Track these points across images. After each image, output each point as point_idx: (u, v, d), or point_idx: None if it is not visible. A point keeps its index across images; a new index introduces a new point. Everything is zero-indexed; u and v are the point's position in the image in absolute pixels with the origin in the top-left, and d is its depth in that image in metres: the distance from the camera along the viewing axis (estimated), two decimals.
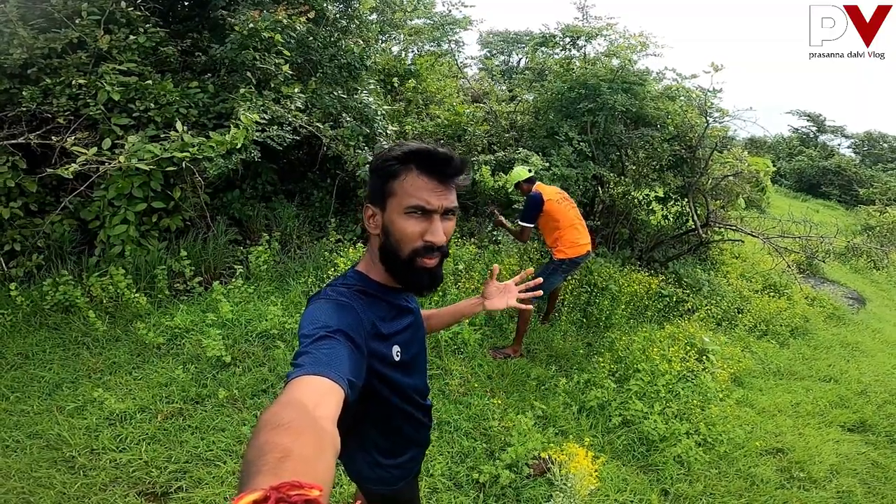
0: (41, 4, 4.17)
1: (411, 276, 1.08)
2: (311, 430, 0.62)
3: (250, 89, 4.51)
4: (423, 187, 1.04)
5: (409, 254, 1.06)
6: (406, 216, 1.04)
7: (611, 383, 3.62)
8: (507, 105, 6.28)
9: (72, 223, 4.07)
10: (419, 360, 1.30)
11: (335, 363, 0.84)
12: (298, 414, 0.65)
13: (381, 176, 1.07)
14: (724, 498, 2.97)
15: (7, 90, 3.92)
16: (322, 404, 0.72)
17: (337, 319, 0.96)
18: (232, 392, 3.11)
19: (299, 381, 0.78)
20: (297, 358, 0.85)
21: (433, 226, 1.05)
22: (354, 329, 0.97)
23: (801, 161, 21.42)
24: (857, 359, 5.27)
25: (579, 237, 3.89)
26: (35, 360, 3.19)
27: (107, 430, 2.74)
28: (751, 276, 6.60)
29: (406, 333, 1.19)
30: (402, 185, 1.04)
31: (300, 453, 0.56)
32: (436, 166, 1.04)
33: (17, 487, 2.34)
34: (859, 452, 3.67)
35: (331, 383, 0.79)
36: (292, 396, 0.72)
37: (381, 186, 1.07)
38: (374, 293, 1.12)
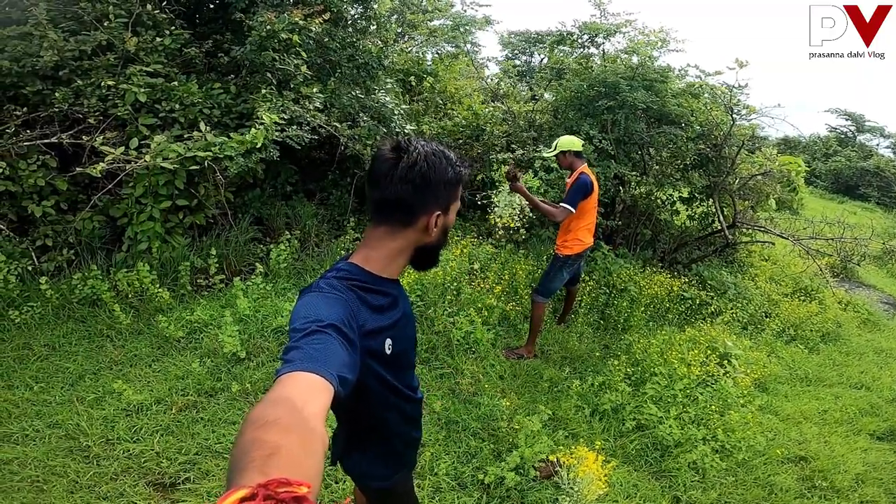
0: (71, 7, 4.31)
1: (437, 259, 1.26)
2: (299, 428, 0.61)
3: (271, 90, 4.57)
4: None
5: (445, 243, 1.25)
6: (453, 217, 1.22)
7: (625, 387, 3.52)
8: (527, 104, 6.19)
9: (101, 220, 4.19)
10: (409, 353, 1.31)
11: (326, 359, 0.83)
12: (286, 411, 0.64)
13: (456, 185, 1.16)
14: None
15: (40, 91, 4.05)
16: (311, 401, 0.71)
17: (329, 313, 0.95)
18: (244, 386, 3.14)
19: (289, 377, 0.77)
20: (287, 353, 0.84)
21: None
22: (347, 323, 0.96)
23: (837, 161, 20.52)
24: (891, 365, 5.01)
25: (589, 236, 3.76)
26: (61, 351, 3.30)
27: (123, 420, 2.81)
28: (780, 280, 6.33)
29: (398, 326, 1.19)
30: (459, 193, 1.20)
31: (288, 451, 0.56)
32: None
33: (31, 476, 2.41)
34: (887, 462, 3.50)
35: (321, 380, 0.78)
36: (281, 393, 0.71)
37: (451, 192, 1.16)
38: (369, 285, 1.12)
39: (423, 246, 1.18)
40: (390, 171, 1.09)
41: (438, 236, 1.17)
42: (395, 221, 1.13)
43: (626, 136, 4.94)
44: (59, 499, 2.30)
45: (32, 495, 2.31)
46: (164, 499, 2.41)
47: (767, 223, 5.94)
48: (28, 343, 3.30)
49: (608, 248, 5.10)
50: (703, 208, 5.94)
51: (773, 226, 5.75)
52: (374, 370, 1.14)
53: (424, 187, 1.10)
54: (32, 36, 4.08)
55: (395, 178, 1.08)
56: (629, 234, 5.69)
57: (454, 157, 1.16)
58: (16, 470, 2.43)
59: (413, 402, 1.34)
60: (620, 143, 5.10)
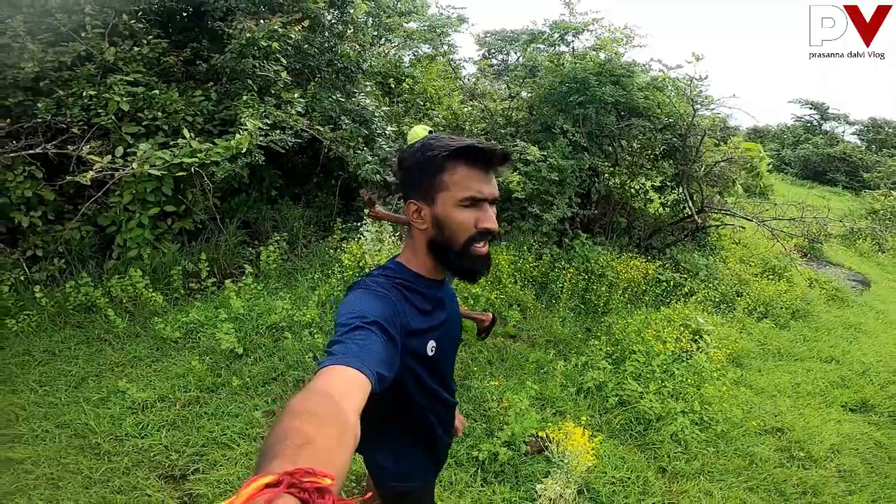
0: (47, 19, 4.35)
1: (466, 263, 1.12)
2: (334, 421, 0.63)
3: (252, 96, 4.69)
4: (474, 178, 1.08)
5: (465, 242, 1.10)
6: (461, 208, 1.08)
7: (607, 365, 3.74)
8: (503, 102, 6.42)
9: (88, 229, 4.27)
10: (449, 357, 1.31)
11: (367, 355, 0.85)
12: (324, 403, 0.66)
13: (427, 171, 1.09)
14: (722, 476, 3.02)
15: (21, 102, 4.11)
16: (348, 396, 0.73)
17: (373, 310, 0.97)
18: (244, 380, 3.28)
19: (329, 370, 0.79)
20: (331, 346, 0.86)
21: (486, 213, 1.10)
22: (390, 321, 0.98)
23: (805, 149, 21.37)
24: (860, 340, 5.31)
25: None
26: (61, 356, 3.39)
27: (129, 417, 2.92)
28: (750, 261, 6.66)
29: (442, 328, 1.20)
30: (452, 179, 1.08)
31: (321, 442, 0.57)
32: (483, 158, 1.09)
33: (46, 473, 2.51)
34: (861, 432, 3.68)
35: (359, 375, 0.79)
36: (320, 385, 0.74)
37: (429, 181, 1.09)
38: (414, 285, 1.13)
39: (430, 242, 1.14)
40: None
41: (434, 229, 1.12)
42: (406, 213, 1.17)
43: (598, 129, 5.20)
44: (76, 494, 2.41)
45: (49, 492, 2.41)
46: (175, 490, 2.53)
47: (735, 207, 6.25)
48: (28, 350, 3.38)
49: (586, 236, 5.34)
50: (674, 195, 6.24)
51: (740, 209, 6.06)
52: (415, 371, 1.15)
53: (402, 173, 1.15)
54: (11, 48, 4.11)
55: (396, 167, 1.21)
56: (606, 222, 5.95)
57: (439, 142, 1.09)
58: (30, 469, 2.52)
59: (448, 405, 1.34)
60: (593, 137, 5.36)
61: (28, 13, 4.32)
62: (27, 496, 2.36)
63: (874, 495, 3.06)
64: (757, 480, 3.03)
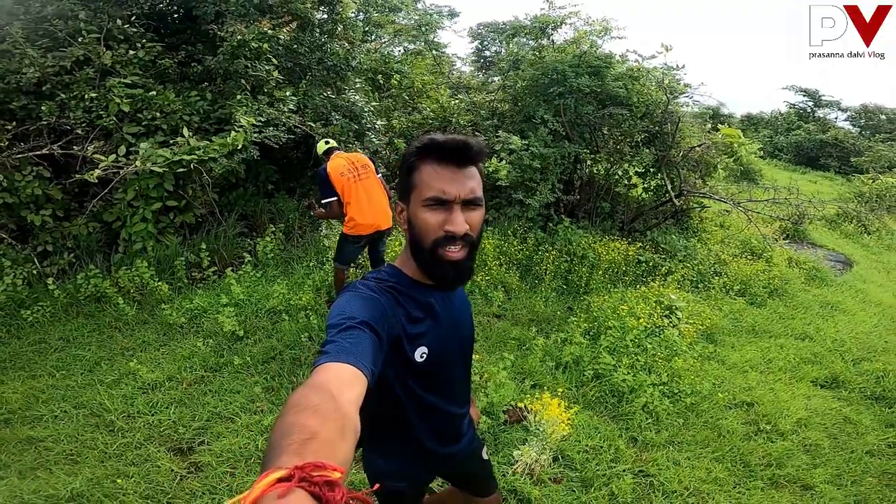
0: (44, 25, 4.54)
1: (436, 268, 1.08)
2: (335, 415, 0.64)
3: (246, 95, 4.89)
4: (439, 177, 1.04)
5: (431, 245, 1.06)
6: (426, 208, 1.05)
7: (583, 340, 3.97)
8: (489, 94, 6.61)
9: (95, 225, 4.50)
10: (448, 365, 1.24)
11: (360, 351, 0.86)
12: (324, 398, 0.67)
13: (404, 171, 1.10)
14: (689, 446, 3.15)
15: (26, 106, 4.31)
16: (346, 391, 0.74)
17: (362, 311, 0.97)
18: (245, 360, 3.52)
19: (326, 367, 0.80)
20: (324, 346, 0.87)
21: (452, 215, 1.04)
22: (378, 321, 0.98)
23: (798, 135, 21.52)
24: (836, 318, 5.44)
25: (362, 217, 3.72)
26: (75, 343, 3.64)
27: (140, 397, 3.16)
28: (730, 242, 6.85)
29: (436, 335, 1.15)
30: (420, 178, 1.06)
31: (325, 436, 0.58)
32: (448, 154, 1.04)
33: (66, 450, 2.73)
34: (830, 408, 3.75)
35: (355, 371, 0.81)
36: (319, 381, 0.75)
37: (404, 180, 1.10)
38: (405, 289, 1.12)
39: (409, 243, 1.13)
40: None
41: (409, 230, 1.11)
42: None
43: (577, 118, 5.39)
44: (93, 468, 2.63)
45: (69, 467, 2.63)
46: (183, 461, 2.75)
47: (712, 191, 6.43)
48: (43, 338, 3.63)
49: (569, 220, 5.56)
50: (656, 181, 6.44)
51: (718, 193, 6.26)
52: (402, 378, 1.14)
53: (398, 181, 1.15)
54: (12, 54, 4.30)
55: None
56: (590, 207, 6.16)
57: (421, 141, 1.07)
58: (50, 446, 2.75)
59: (448, 416, 1.30)
60: (574, 126, 5.55)
61: (25, 20, 4.51)
62: (48, 470, 2.58)
63: (838, 469, 3.14)
64: (723, 451, 3.15)
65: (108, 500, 2.40)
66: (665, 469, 2.99)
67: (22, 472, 2.54)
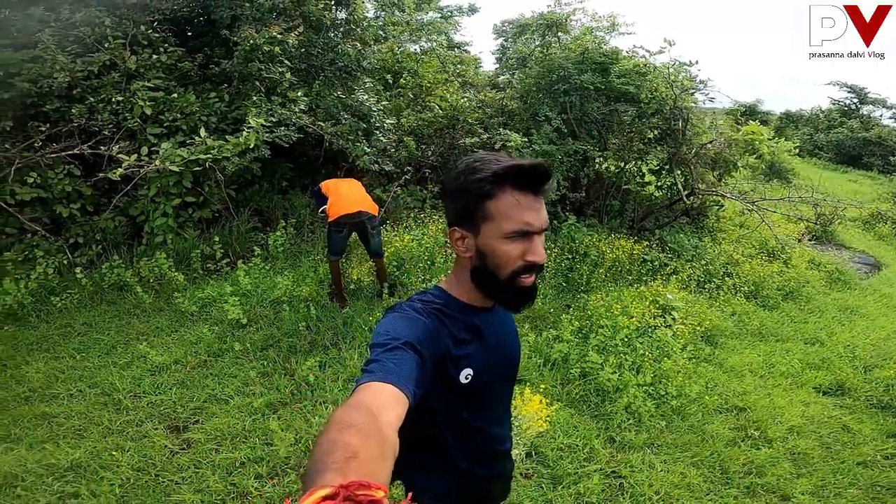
0: (73, 31, 4.86)
1: (511, 295, 1.05)
2: (376, 435, 0.64)
3: (260, 96, 5.10)
4: (522, 207, 0.99)
5: (510, 275, 1.02)
6: (507, 240, 1.00)
7: (573, 338, 3.97)
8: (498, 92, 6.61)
9: (121, 219, 4.82)
10: (495, 388, 1.22)
11: (402, 372, 0.85)
12: (366, 418, 0.67)
13: (472, 197, 1.01)
14: (668, 449, 3.10)
15: (58, 108, 4.66)
16: (387, 411, 0.74)
17: (406, 332, 0.96)
18: (245, 346, 3.73)
19: (368, 386, 0.80)
20: (368, 365, 0.87)
21: (534, 245, 1.01)
22: (423, 343, 0.96)
23: (839, 133, 20.32)
24: (854, 322, 5.23)
25: (339, 203, 4.11)
26: (96, 328, 3.94)
27: (148, 378, 3.41)
28: (747, 242, 6.63)
29: (482, 357, 1.12)
30: (498, 208, 0.99)
31: (366, 455, 0.58)
32: (531, 181, 0.99)
33: (74, 425, 2.98)
34: (829, 415, 3.63)
35: (397, 391, 0.80)
36: (361, 400, 0.75)
37: (472, 208, 1.01)
38: (453, 311, 1.09)
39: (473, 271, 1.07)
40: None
41: (477, 258, 1.05)
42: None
43: (583, 115, 5.34)
44: (96, 441, 2.86)
45: (75, 440, 2.88)
46: (177, 438, 2.95)
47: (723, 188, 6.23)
48: (69, 323, 3.95)
49: (575, 218, 5.53)
50: (670, 179, 6.30)
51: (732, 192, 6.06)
52: (444, 399, 1.10)
53: (445, 196, 1.09)
54: (44, 59, 4.63)
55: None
56: (599, 206, 6.10)
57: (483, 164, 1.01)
58: (62, 422, 3.01)
59: (490, 439, 1.27)
60: (582, 123, 5.50)
61: (56, 27, 4.84)
62: (56, 443, 2.82)
63: (823, 479, 3.03)
64: (703, 456, 3.08)
65: (103, 470, 2.62)
66: (638, 471, 2.95)
67: (32, 444, 2.80)
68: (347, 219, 4.11)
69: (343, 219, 4.10)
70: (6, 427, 2.91)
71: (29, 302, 4.00)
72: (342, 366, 3.63)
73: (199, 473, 2.67)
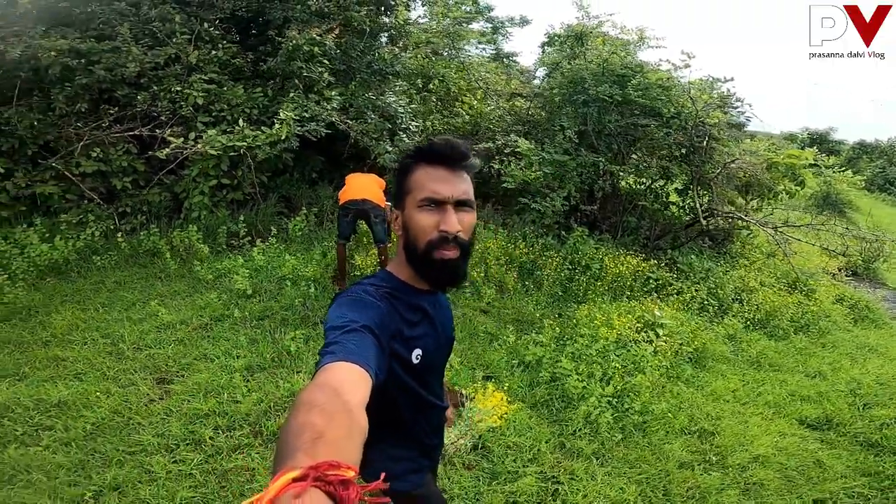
0: (148, 26, 5.30)
1: (430, 269, 1.06)
2: (342, 413, 0.62)
3: (298, 93, 5.35)
4: (432, 178, 1.03)
5: (426, 246, 1.04)
6: (420, 209, 1.03)
7: (550, 342, 3.86)
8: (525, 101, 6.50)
9: (166, 195, 5.21)
10: (438, 364, 1.26)
11: (364, 352, 0.84)
12: (330, 397, 0.65)
13: (398, 176, 1.09)
14: (616, 462, 2.95)
15: (127, 94, 5.11)
16: (352, 390, 0.72)
17: (363, 316, 0.95)
18: (244, 314, 3.93)
19: (332, 366, 0.77)
20: (328, 347, 0.85)
21: (446, 216, 1.02)
22: (379, 327, 0.96)
23: None
24: (868, 359, 4.73)
25: (346, 191, 4.40)
26: (124, 286, 4.29)
27: (153, 334, 3.66)
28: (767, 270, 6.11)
29: (429, 337, 1.15)
30: (414, 180, 1.05)
31: (332, 435, 0.56)
32: (440, 156, 1.04)
33: (77, 369, 3.22)
34: (805, 448, 3.34)
35: (361, 370, 0.78)
36: (325, 380, 0.72)
37: (399, 185, 1.08)
38: (401, 294, 1.09)
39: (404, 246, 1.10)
40: None
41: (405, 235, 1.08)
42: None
43: (601, 127, 5.15)
44: (91, 384, 3.07)
45: (74, 382, 3.10)
46: (160, 388, 3.14)
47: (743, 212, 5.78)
48: (102, 280, 4.33)
49: (582, 230, 5.35)
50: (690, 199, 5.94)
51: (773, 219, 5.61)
52: (401, 378, 1.11)
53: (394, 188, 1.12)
54: (120, 50, 5.07)
55: None
56: (616, 221, 5.87)
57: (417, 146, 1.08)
58: (68, 365, 3.27)
59: (437, 409, 1.30)
60: (601, 135, 5.32)
61: (133, 21, 5.29)
62: (55, 383, 3.07)
63: None
64: (649, 474, 2.89)
65: (85, 409, 2.84)
66: (577, 480, 2.80)
67: (35, 382, 3.05)
68: (352, 205, 4.32)
69: (348, 204, 4.33)
70: (19, 365, 3.20)
71: (73, 259, 4.42)
72: (323, 340, 3.73)
73: (165, 420, 2.85)
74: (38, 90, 4.95)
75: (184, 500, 2.31)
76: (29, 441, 2.60)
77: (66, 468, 2.43)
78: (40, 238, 4.41)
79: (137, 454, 2.58)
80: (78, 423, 2.72)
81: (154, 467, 2.48)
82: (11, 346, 3.41)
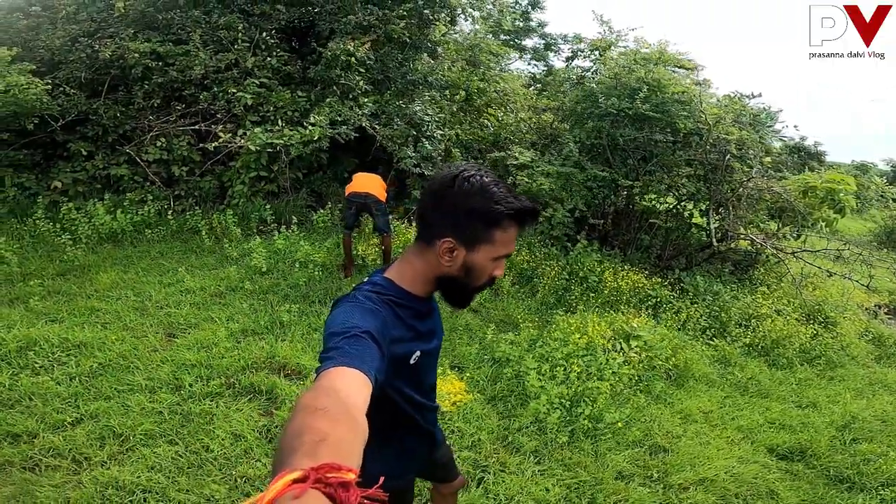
0: (217, 33, 5.93)
1: (468, 300, 1.15)
2: (345, 418, 0.62)
3: (335, 99, 5.76)
4: (512, 238, 1.06)
5: (479, 287, 1.11)
6: (494, 261, 1.06)
7: (523, 342, 3.89)
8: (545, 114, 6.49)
9: (214, 183, 5.81)
10: (432, 365, 1.29)
11: (364, 358, 0.84)
12: (333, 401, 0.65)
13: (482, 222, 1.03)
14: (551, 463, 2.90)
15: (193, 94, 5.77)
16: (354, 394, 0.72)
17: (365, 322, 0.95)
18: (255, 287, 4.34)
19: (333, 371, 0.77)
20: (329, 352, 0.85)
21: (501, 265, 1.10)
22: (380, 333, 0.96)
23: None
24: (877, 396, 4.28)
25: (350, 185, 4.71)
26: (164, 256, 4.87)
27: (176, 296, 4.14)
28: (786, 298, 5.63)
29: (425, 340, 1.17)
30: (500, 236, 1.04)
31: (336, 438, 0.56)
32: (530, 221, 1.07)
33: (105, 319, 3.70)
34: (763, 477, 3.11)
35: (362, 376, 0.78)
36: (328, 384, 0.72)
37: (480, 230, 1.04)
38: (404, 302, 1.10)
39: (444, 276, 1.09)
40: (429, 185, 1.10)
41: (458, 270, 1.07)
42: (421, 238, 1.11)
43: (613, 141, 5.06)
44: (113, 333, 3.52)
45: (99, 329, 3.57)
46: (166, 341, 3.56)
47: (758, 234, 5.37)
48: (148, 250, 4.93)
49: (586, 243, 5.28)
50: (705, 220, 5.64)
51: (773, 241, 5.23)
52: (396, 382, 1.13)
53: (442, 204, 1.05)
54: (191, 54, 5.75)
55: (427, 190, 1.09)
56: (629, 238, 5.71)
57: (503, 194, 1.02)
58: (100, 315, 3.76)
59: (429, 410, 1.32)
60: (615, 150, 5.23)
61: (205, 28, 5.95)
62: (82, 328, 3.54)
63: None
64: (581, 479, 2.81)
65: (98, 351, 3.28)
66: (507, 473, 2.79)
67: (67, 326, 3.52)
68: (355, 197, 4.65)
69: (352, 196, 4.66)
70: (61, 311, 3.75)
71: (129, 230, 5.09)
72: (315, 316, 4.03)
73: (159, 367, 3.24)
74: (123, 86, 5.72)
75: (144, 431, 2.65)
76: (42, 372, 3.05)
77: (63, 397, 2.84)
78: (106, 211, 5.11)
79: (124, 392, 2.96)
80: (88, 361, 3.16)
81: (131, 403, 2.85)
82: (61, 295, 4.01)
